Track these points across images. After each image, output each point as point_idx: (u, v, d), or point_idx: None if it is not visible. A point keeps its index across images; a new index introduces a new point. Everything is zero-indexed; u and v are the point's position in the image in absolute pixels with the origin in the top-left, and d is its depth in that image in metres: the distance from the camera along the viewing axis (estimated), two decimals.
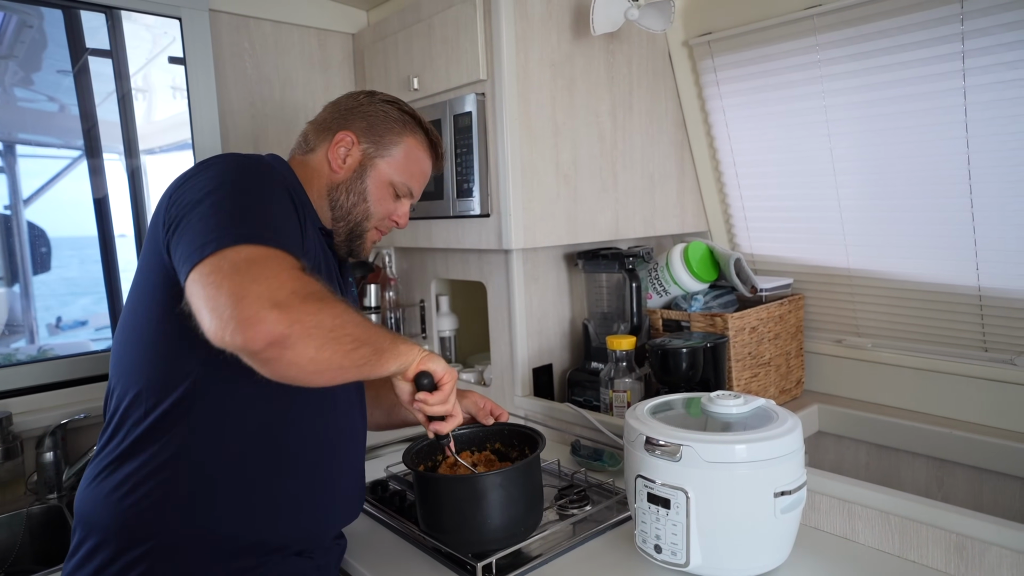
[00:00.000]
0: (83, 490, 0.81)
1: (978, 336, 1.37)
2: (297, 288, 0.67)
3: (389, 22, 1.63)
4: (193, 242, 0.69)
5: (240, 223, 0.70)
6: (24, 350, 1.47)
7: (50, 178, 1.49)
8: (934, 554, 0.86)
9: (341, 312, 0.70)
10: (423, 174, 1.02)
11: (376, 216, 0.98)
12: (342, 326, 0.69)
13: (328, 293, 0.71)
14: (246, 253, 0.67)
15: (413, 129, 0.99)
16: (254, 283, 0.64)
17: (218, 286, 0.64)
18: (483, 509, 0.87)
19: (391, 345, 0.77)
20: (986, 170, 1.24)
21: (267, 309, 0.63)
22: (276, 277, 0.66)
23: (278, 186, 0.82)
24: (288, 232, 0.77)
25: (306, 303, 0.66)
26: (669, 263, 1.52)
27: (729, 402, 0.90)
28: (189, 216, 0.72)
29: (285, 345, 0.64)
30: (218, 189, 0.74)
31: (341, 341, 0.68)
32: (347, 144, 0.95)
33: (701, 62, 1.59)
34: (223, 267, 0.65)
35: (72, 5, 1.43)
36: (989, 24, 1.15)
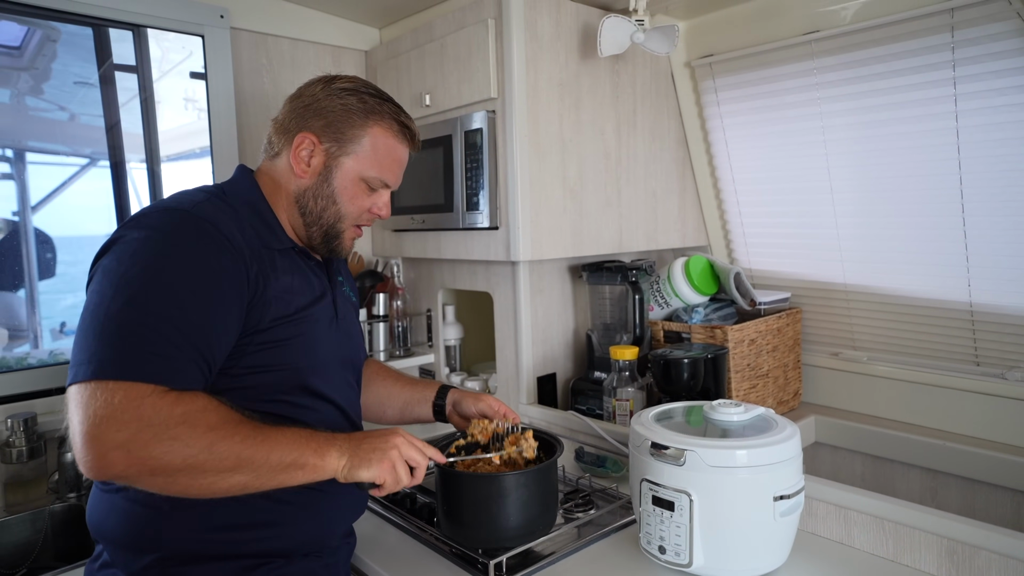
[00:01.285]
0: (92, 500, 0.83)
1: (970, 350, 1.41)
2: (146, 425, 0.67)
3: (402, 41, 1.69)
4: (73, 355, 0.71)
5: (108, 346, 0.69)
6: (31, 355, 1.49)
7: (58, 185, 1.52)
8: (926, 558, 0.89)
9: (204, 444, 0.69)
10: (397, 162, 0.94)
11: (350, 216, 0.92)
12: (205, 452, 0.69)
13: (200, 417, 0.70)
14: (95, 390, 0.67)
15: (377, 117, 0.91)
16: (100, 424, 0.66)
17: (74, 416, 0.68)
18: (504, 507, 0.90)
19: (297, 459, 0.74)
20: (977, 189, 1.29)
21: (109, 450, 0.66)
22: (122, 415, 0.66)
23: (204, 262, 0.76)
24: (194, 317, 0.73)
25: (152, 444, 0.67)
26: (671, 276, 1.57)
27: (730, 410, 0.94)
28: (82, 315, 0.73)
29: (129, 479, 0.69)
30: (110, 299, 0.72)
31: (199, 472, 0.69)
32: (308, 147, 0.89)
33: (703, 83, 1.65)
34: (82, 398, 0.67)
35: (103, 23, 1.49)
36: (979, 53, 1.21)
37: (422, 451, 0.83)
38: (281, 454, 0.73)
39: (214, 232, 0.78)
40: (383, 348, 1.81)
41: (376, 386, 1.12)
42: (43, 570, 1.03)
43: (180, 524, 0.78)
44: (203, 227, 0.78)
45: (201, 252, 0.76)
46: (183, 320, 0.73)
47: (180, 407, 0.69)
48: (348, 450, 0.78)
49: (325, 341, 0.90)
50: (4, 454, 1.24)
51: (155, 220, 0.78)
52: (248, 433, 0.72)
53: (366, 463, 0.77)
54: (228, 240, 0.79)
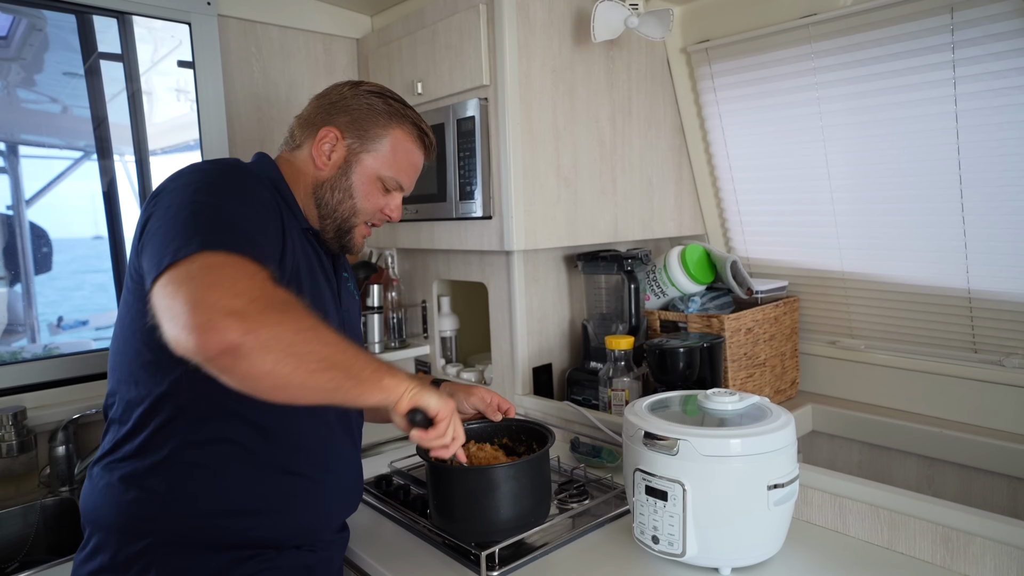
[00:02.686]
0: (86, 488, 0.84)
1: (968, 338, 1.40)
2: (257, 296, 0.64)
3: (393, 28, 1.66)
4: (154, 255, 0.68)
5: (201, 231, 0.68)
6: (27, 349, 1.49)
7: (52, 178, 1.51)
8: (921, 545, 0.89)
9: (308, 327, 0.66)
10: (413, 166, 0.99)
11: (364, 212, 0.96)
12: (306, 342, 0.65)
13: (298, 306, 0.67)
14: (204, 260, 0.65)
15: (400, 121, 0.96)
16: (210, 290, 0.63)
17: (174, 295, 0.63)
18: (495, 500, 0.89)
19: (373, 375, 0.72)
20: (976, 175, 1.28)
21: (221, 316, 0.61)
22: (234, 284, 0.64)
23: (254, 191, 0.80)
24: (258, 238, 0.74)
25: (265, 313, 0.63)
26: (667, 265, 1.55)
27: (725, 399, 0.93)
28: (156, 226, 0.72)
29: (238, 355, 0.61)
30: (186, 199, 0.74)
31: (304, 359, 0.65)
32: (331, 140, 0.93)
33: (699, 69, 1.63)
34: (180, 276, 0.64)
35: (86, 10, 1.46)
36: (978, 35, 1.19)
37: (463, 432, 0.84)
38: (364, 363, 0.72)
39: (263, 179, 0.86)
40: (378, 340, 1.80)
41: None
42: (36, 564, 1.02)
43: (176, 508, 0.78)
44: (249, 172, 0.84)
45: (254, 186, 0.82)
46: (258, 224, 0.76)
47: (282, 292, 0.68)
48: (416, 382, 0.77)
49: (329, 319, 0.91)
50: None
51: (200, 166, 0.82)
52: (336, 336, 0.70)
53: (433, 395, 0.77)
54: (267, 188, 0.85)
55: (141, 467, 0.78)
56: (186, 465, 0.79)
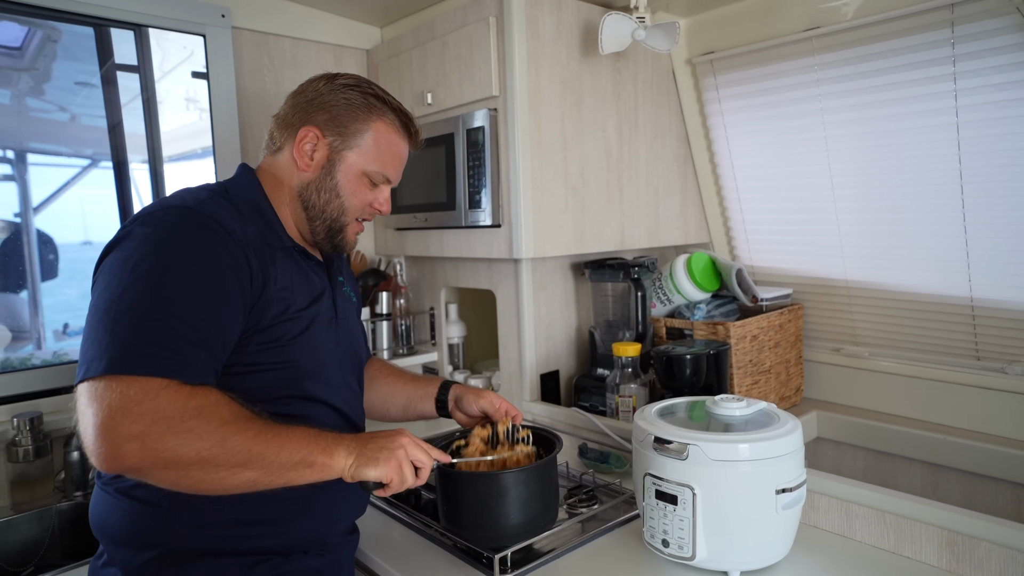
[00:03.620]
0: (94, 498, 0.84)
1: (971, 345, 1.42)
2: (159, 418, 0.67)
3: (403, 39, 1.69)
4: (83, 351, 0.71)
5: (117, 341, 0.69)
6: (35, 356, 1.50)
7: (59, 186, 1.53)
8: (927, 550, 0.90)
9: (218, 437, 0.69)
10: (398, 157, 0.96)
11: (353, 209, 0.93)
12: (214, 454, 0.69)
13: (211, 412, 0.70)
14: (109, 383, 0.67)
15: (380, 112, 0.92)
16: (112, 416, 0.66)
17: (83, 413, 0.68)
18: (504, 506, 0.90)
19: (304, 458, 0.74)
20: (978, 185, 1.30)
21: (122, 442, 0.65)
22: (135, 408, 0.66)
23: (207, 258, 0.76)
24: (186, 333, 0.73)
25: (166, 436, 0.67)
26: (673, 273, 1.57)
27: (733, 405, 0.95)
28: (89, 312, 0.74)
29: (142, 473, 0.68)
30: (119, 289, 0.73)
31: (213, 465, 0.69)
32: (311, 140, 0.90)
33: (704, 80, 1.65)
34: (89, 393, 0.68)
35: (105, 23, 1.49)
36: (979, 49, 1.21)
37: (427, 452, 0.84)
38: (291, 452, 0.74)
39: (218, 228, 0.79)
40: (387, 347, 1.82)
41: (379, 384, 1.12)
42: (50, 567, 1.04)
43: (181, 521, 0.79)
44: (207, 224, 0.79)
45: (206, 248, 0.77)
46: (192, 316, 0.73)
47: (194, 400, 0.70)
48: (355, 449, 0.78)
49: (324, 341, 0.90)
50: (10, 453, 1.25)
51: (160, 217, 0.78)
52: (259, 429, 0.73)
53: (372, 462, 0.78)
54: (231, 236, 0.80)
55: (143, 483, 0.78)
56: None
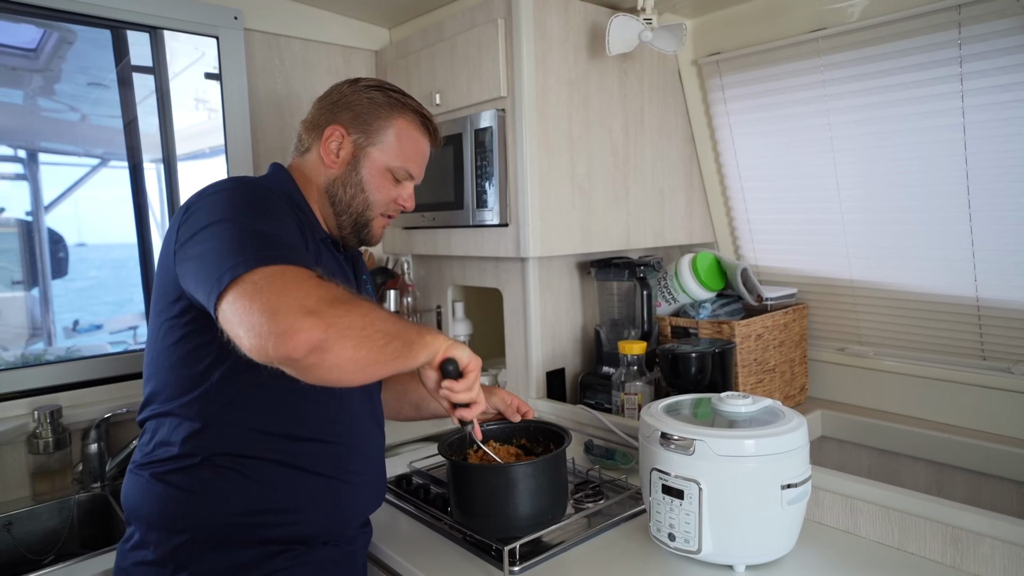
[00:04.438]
0: (127, 484, 0.87)
1: (976, 345, 1.42)
2: (323, 294, 0.69)
3: (412, 41, 1.71)
4: (211, 274, 0.71)
5: (251, 247, 0.72)
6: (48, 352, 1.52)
7: (70, 185, 1.55)
8: (931, 546, 0.91)
9: (367, 311, 0.72)
10: (420, 154, 1.00)
11: (378, 204, 0.97)
12: (372, 323, 0.71)
13: (351, 295, 0.74)
14: (264, 273, 0.69)
15: (402, 111, 0.97)
16: (281, 296, 0.67)
17: (248, 309, 0.67)
18: (514, 497, 0.92)
19: (418, 336, 0.79)
20: (984, 185, 1.31)
21: (301, 318, 0.66)
22: (299, 288, 0.69)
23: (280, 208, 0.84)
24: (300, 248, 0.81)
25: (335, 307, 0.69)
26: (678, 272, 1.58)
27: (738, 401, 0.96)
28: (199, 245, 0.75)
29: (324, 349, 0.67)
30: (226, 218, 0.77)
31: (374, 338, 0.71)
32: (337, 138, 0.95)
33: (709, 80, 1.67)
34: (247, 290, 0.68)
35: (121, 25, 1.52)
36: (985, 49, 1.22)
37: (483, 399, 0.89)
38: (411, 329, 0.79)
39: (283, 196, 0.88)
40: None
41: (391, 383, 1.14)
42: (69, 557, 1.06)
43: (211, 507, 0.82)
44: (273, 191, 0.87)
45: (280, 203, 0.85)
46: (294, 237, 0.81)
47: (335, 286, 0.73)
48: (450, 339, 0.85)
49: None
50: (31, 445, 1.28)
51: (225, 186, 0.84)
52: (386, 312, 0.77)
53: (464, 349, 0.84)
54: (293, 203, 0.90)
55: (176, 469, 0.82)
56: (219, 468, 0.82)
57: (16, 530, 1.23)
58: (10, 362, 1.41)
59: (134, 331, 1.62)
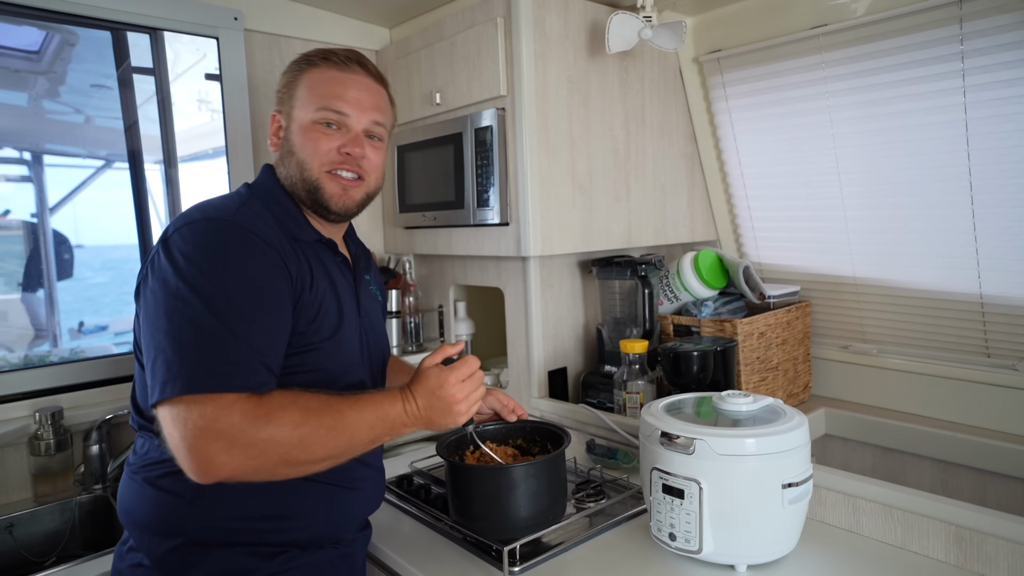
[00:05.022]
0: (122, 488, 0.88)
1: (981, 342, 1.41)
2: (243, 427, 0.72)
3: (412, 40, 1.71)
4: (151, 373, 0.74)
5: (188, 362, 0.73)
6: (52, 353, 1.53)
7: (75, 187, 1.56)
8: (935, 545, 0.90)
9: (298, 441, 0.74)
10: (337, 86, 0.91)
11: (313, 160, 0.90)
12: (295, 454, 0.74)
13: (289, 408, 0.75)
14: (190, 403, 0.72)
15: (306, 65, 0.93)
16: (199, 436, 0.71)
17: (171, 434, 0.72)
18: (514, 498, 0.92)
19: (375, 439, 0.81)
20: (987, 181, 1.30)
21: (214, 455, 0.71)
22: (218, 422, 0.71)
23: (255, 261, 0.80)
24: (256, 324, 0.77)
25: (252, 444, 0.72)
26: (680, 270, 1.58)
27: (739, 400, 0.95)
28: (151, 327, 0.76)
29: (238, 479, 0.73)
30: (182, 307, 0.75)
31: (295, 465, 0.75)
32: (274, 124, 0.95)
33: (711, 78, 1.66)
34: (173, 415, 0.72)
35: (121, 27, 1.52)
36: (987, 45, 1.21)
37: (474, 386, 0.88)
38: (362, 436, 0.80)
39: (257, 239, 0.81)
40: (396, 344, 1.84)
41: (391, 382, 1.14)
42: (71, 558, 1.07)
43: (203, 512, 0.81)
44: (247, 235, 0.81)
45: (252, 259, 0.80)
46: (249, 327, 0.77)
47: (263, 409, 0.74)
48: (421, 419, 0.84)
49: (350, 341, 0.92)
50: (33, 447, 1.29)
51: (201, 231, 0.80)
52: (330, 423, 0.77)
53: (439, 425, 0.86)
54: (268, 244, 0.82)
55: (168, 473, 0.82)
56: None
57: (18, 532, 1.24)
58: (12, 363, 1.42)
59: None
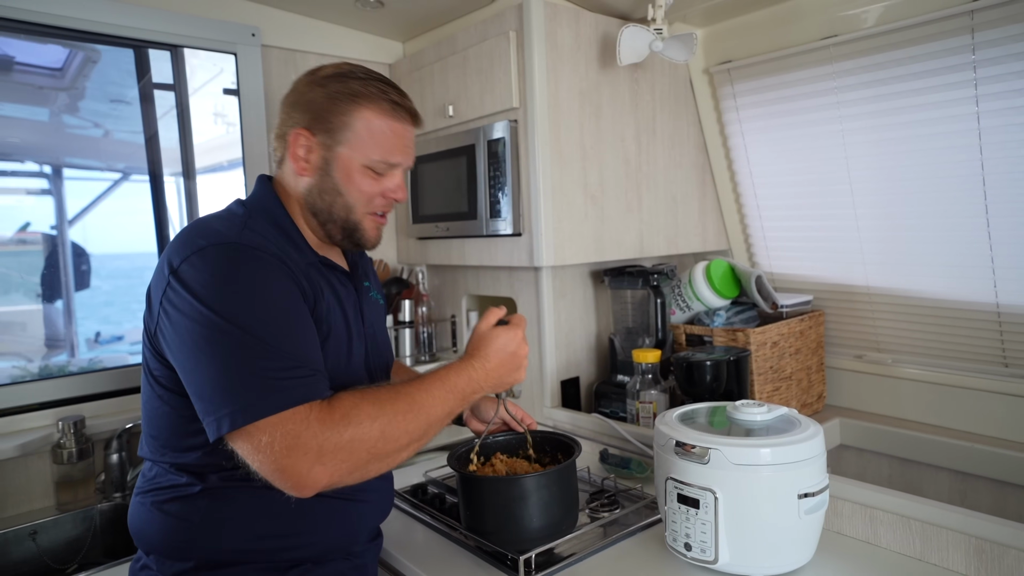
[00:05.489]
0: (132, 507, 0.87)
1: (998, 352, 1.40)
2: (326, 437, 0.72)
3: (425, 53, 1.74)
4: (208, 406, 0.72)
5: (256, 388, 0.72)
6: (71, 363, 1.55)
7: (93, 199, 1.58)
8: (955, 557, 0.90)
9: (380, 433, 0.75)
10: (398, 139, 0.89)
11: (360, 204, 0.89)
12: (380, 447, 0.75)
13: (362, 406, 0.75)
14: (274, 427, 0.71)
15: (365, 99, 0.86)
16: (287, 456, 0.70)
17: (262, 460, 0.72)
18: (526, 509, 0.92)
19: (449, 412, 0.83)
20: (1001, 189, 1.29)
21: (306, 471, 0.71)
22: (299, 439, 0.71)
23: (273, 282, 0.78)
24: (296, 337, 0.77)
25: (338, 449, 0.72)
26: (692, 280, 1.58)
27: (754, 410, 0.95)
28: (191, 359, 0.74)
29: (336, 485, 0.74)
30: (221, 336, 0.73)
31: (384, 456, 0.76)
32: (303, 143, 0.86)
33: (721, 89, 1.67)
34: (259, 442, 0.71)
35: (143, 44, 1.56)
36: (999, 54, 1.21)
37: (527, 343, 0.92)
38: (437, 413, 0.82)
39: (270, 259, 0.80)
40: (409, 354, 1.85)
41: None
42: (92, 565, 1.08)
43: (212, 534, 0.81)
44: (260, 257, 0.79)
45: (271, 277, 0.79)
46: (291, 341, 0.77)
47: (338, 412, 0.75)
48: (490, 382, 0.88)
49: (356, 353, 0.92)
50: (55, 455, 1.31)
51: (214, 258, 0.77)
52: (404, 408, 0.78)
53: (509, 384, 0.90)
54: (282, 262, 0.81)
55: (176, 498, 0.82)
56: (221, 498, 0.81)
57: (41, 539, 1.26)
58: (35, 374, 1.45)
59: None
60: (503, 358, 0.88)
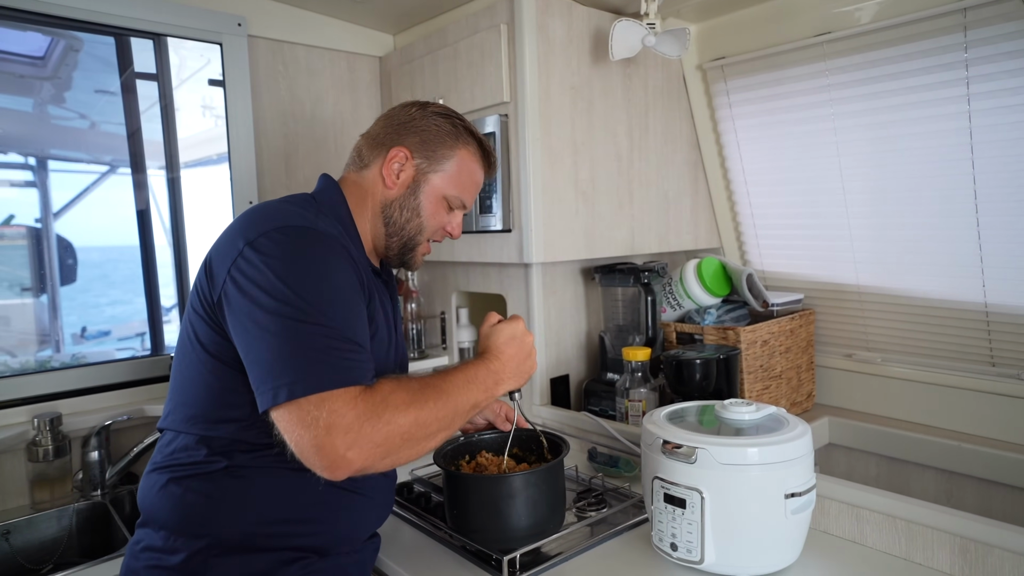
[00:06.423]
0: (144, 488, 0.88)
1: (985, 351, 1.40)
2: (366, 419, 0.74)
3: (415, 47, 1.72)
4: (266, 375, 0.74)
5: (313, 362, 0.74)
6: (54, 358, 1.52)
7: (79, 192, 1.56)
8: (939, 556, 0.89)
9: (414, 419, 0.77)
10: (476, 185, 1.02)
11: (429, 230, 0.99)
12: (413, 432, 0.77)
13: (399, 393, 0.77)
14: (322, 403, 0.73)
15: (466, 141, 0.99)
16: (328, 434, 0.71)
17: (296, 435, 0.73)
18: (512, 508, 0.91)
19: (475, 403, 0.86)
20: (991, 189, 1.29)
21: (342, 452, 0.72)
22: (343, 418, 0.72)
23: (339, 271, 0.82)
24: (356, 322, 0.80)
25: (376, 432, 0.74)
26: (683, 278, 1.57)
27: (742, 409, 0.95)
28: (256, 327, 0.76)
29: (368, 470, 0.75)
30: (285, 311, 0.76)
31: (415, 442, 0.78)
32: (401, 160, 0.95)
33: (714, 85, 1.66)
34: (295, 417, 0.73)
35: (125, 32, 1.53)
36: (992, 52, 1.21)
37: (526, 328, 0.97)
38: (465, 402, 0.85)
39: (338, 247, 0.85)
40: None
41: None
42: (68, 566, 1.06)
43: (231, 514, 0.82)
44: (328, 242, 0.84)
45: (338, 265, 0.83)
46: (352, 326, 0.80)
47: (379, 395, 0.77)
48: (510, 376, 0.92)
49: (389, 356, 0.97)
50: (30, 453, 1.28)
51: (294, 237, 0.82)
52: (434, 396, 0.81)
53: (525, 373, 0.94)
54: (348, 253, 0.86)
55: (198, 474, 0.83)
56: (241, 477, 0.82)
57: (15, 539, 1.23)
58: (12, 369, 1.42)
59: (141, 338, 1.63)
60: (514, 348, 0.92)
